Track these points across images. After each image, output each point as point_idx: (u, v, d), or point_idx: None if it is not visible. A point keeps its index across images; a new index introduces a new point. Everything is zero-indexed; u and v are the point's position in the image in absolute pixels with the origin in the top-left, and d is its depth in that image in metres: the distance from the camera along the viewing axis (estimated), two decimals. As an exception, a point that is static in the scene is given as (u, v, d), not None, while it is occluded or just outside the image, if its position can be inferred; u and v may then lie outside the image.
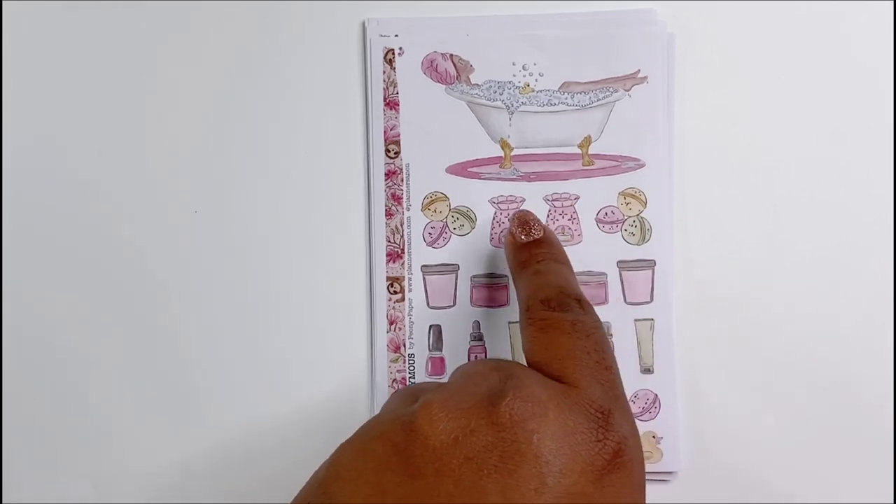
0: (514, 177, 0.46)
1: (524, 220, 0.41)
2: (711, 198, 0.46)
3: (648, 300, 0.45)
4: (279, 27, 0.47)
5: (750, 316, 0.45)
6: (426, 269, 0.46)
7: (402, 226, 0.46)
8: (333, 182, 0.46)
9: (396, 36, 0.46)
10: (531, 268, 0.39)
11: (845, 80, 0.46)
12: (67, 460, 0.45)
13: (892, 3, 0.46)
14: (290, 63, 0.47)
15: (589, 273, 0.45)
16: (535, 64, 0.46)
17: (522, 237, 0.41)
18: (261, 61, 0.47)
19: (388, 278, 0.46)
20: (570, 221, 0.46)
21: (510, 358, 0.45)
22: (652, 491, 0.44)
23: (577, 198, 0.46)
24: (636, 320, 0.45)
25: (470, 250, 0.46)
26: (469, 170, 0.46)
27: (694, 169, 0.46)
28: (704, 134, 0.46)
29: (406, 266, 0.46)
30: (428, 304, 0.46)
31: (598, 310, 0.44)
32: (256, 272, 0.46)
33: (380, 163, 0.46)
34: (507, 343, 0.45)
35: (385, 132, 0.46)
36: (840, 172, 0.46)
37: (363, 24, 0.46)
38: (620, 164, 0.46)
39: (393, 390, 0.45)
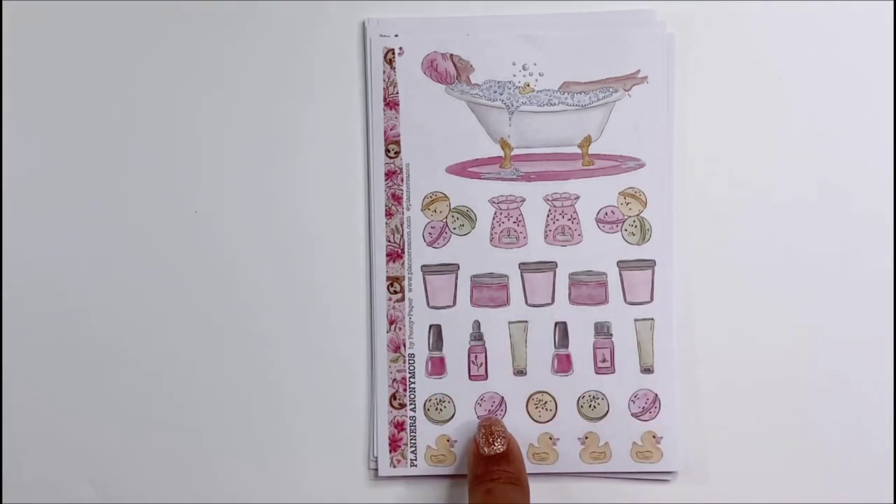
0: (515, 177, 0.46)
1: (489, 431, 0.42)
2: (711, 197, 0.46)
3: (648, 300, 0.45)
4: (279, 27, 0.47)
5: (750, 316, 0.45)
6: (426, 269, 0.46)
7: (402, 226, 0.46)
8: (333, 182, 0.46)
9: (396, 36, 0.46)
10: (484, 485, 0.41)
11: (845, 80, 0.46)
12: (67, 460, 0.45)
13: (892, 3, 0.46)
14: (290, 63, 0.47)
15: (589, 273, 0.45)
16: (535, 64, 0.46)
17: (485, 449, 0.42)
18: (261, 61, 0.47)
19: (388, 278, 0.46)
20: (571, 221, 0.46)
21: (510, 358, 0.45)
22: (652, 491, 0.45)
23: (577, 198, 0.46)
24: (636, 320, 0.45)
25: (470, 250, 0.46)
26: (469, 170, 0.46)
27: (694, 169, 0.46)
28: (704, 134, 0.46)
29: (406, 266, 0.46)
30: (428, 304, 0.46)
31: (598, 309, 0.45)
32: (256, 272, 0.46)
33: (380, 163, 0.46)
34: (506, 343, 0.45)
35: (385, 132, 0.46)
36: (840, 172, 0.46)
37: (363, 24, 0.46)
38: (620, 163, 0.46)
39: (393, 390, 0.45)
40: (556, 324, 0.45)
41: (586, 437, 0.45)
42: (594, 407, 0.45)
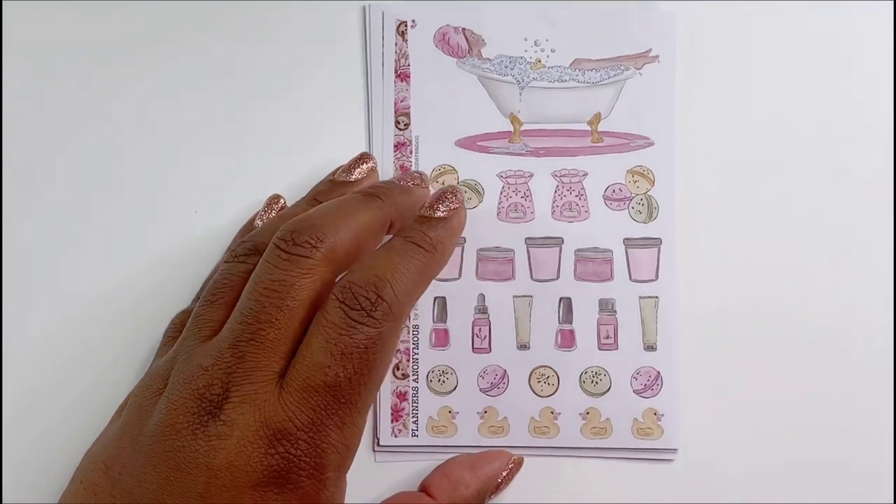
0: (523, 152, 0.46)
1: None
2: (719, 177, 0.46)
3: (653, 278, 0.45)
4: (287, 3, 0.47)
5: (754, 295, 0.45)
6: (432, 242, 0.46)
7: (409, 198, 0.46)
8: (342, 152, 0.46)
9: (409, 9, 0.46)
10: (392, 241, 0.39)
11: (848, 70, 0.46)
12: (67, 460, 0.45)
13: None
14: (299, 38, 0.47)
15: (595, 250, 0.46)
16: (546, 40, 0.46)
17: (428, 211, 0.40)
18: (268, 38, 0.47)
19: (394, 249, 0.46)
20: (578, 198, 0.46)
21: (514, 332, 0.45)
22: (652, 468, 0.45)
23: (585, 174, 0.46)
24: (641, 297, 0.45)
25: (477, 223, 0.46)
26: (478, 143, 0.46)
27: (702, 148, 0.46)
28: (714, 114, 0.46)
29: (413, 237, 0.46)
30: (433, 276, 0.46)
31: (603, 286, 0.45)
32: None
33: (389, 134, 0.46)
34: (511, 317, 0.45)
35: (395, 104, 0.46)
36: (848, 154, 0.46)
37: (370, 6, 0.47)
38: (629, 141, 0.46)
39: (396, 360, 0.45)
40: (561, 299, 0.45)
41: (587, 413, 0.45)
42: (596, 383, 0.45)
